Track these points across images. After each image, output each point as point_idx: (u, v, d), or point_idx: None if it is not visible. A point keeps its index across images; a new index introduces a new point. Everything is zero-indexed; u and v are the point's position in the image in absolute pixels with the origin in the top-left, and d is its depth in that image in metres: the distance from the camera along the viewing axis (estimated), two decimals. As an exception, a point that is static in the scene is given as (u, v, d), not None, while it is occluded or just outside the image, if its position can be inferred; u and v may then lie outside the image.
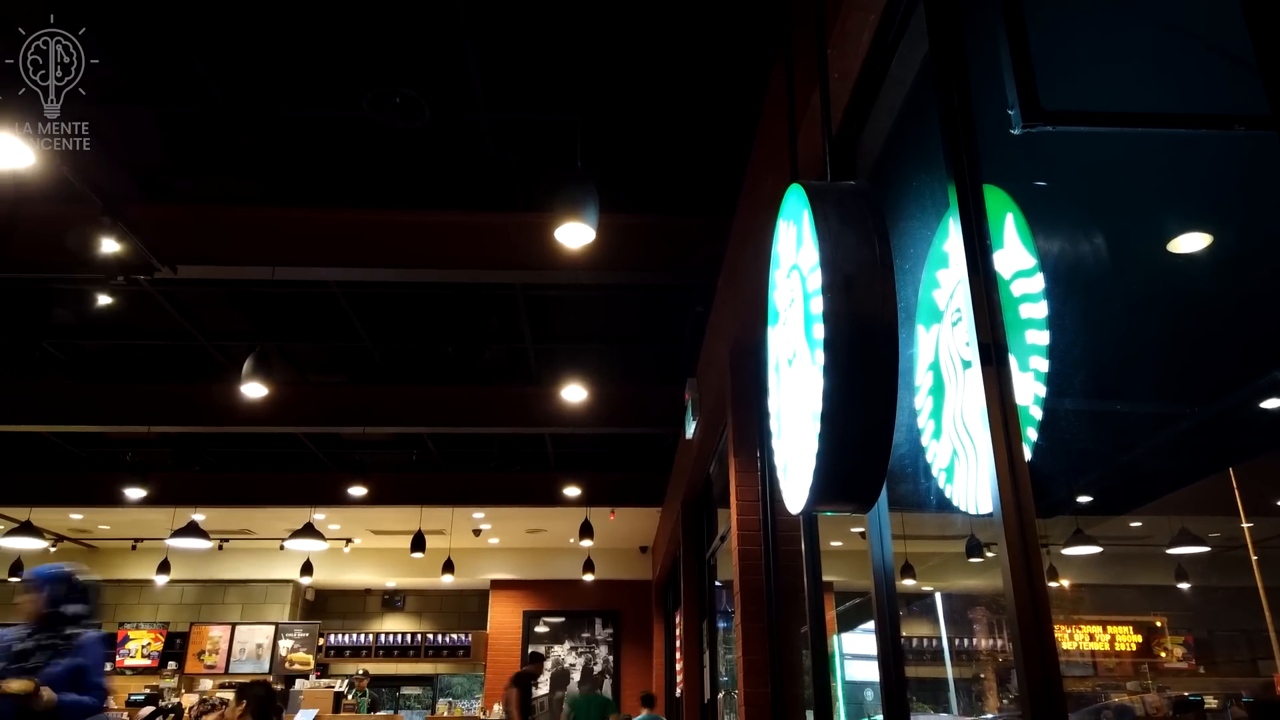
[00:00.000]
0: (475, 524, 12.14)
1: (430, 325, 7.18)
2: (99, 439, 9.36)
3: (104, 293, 6.26)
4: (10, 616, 13.46)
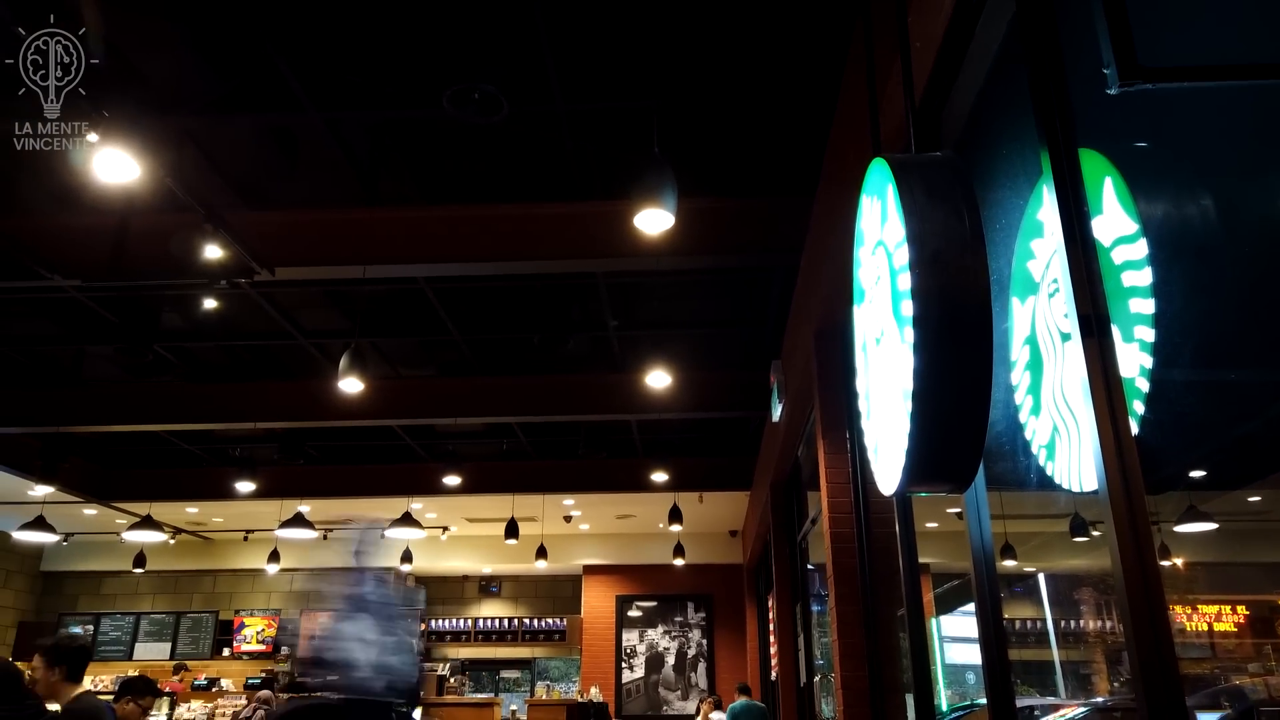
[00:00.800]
0: (566, 510, 12.33)
1: (515, 317, 7.30)
2: (209, 436, 9.85)
3: (209, 297, 6.58)
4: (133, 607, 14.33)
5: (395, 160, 5.36)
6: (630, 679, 13.59)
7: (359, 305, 6.84)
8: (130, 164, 4.07)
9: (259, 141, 5.21)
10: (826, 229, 4.40)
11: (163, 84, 4.54)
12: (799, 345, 5.75)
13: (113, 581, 14.50)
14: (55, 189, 5.41)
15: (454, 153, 5.28)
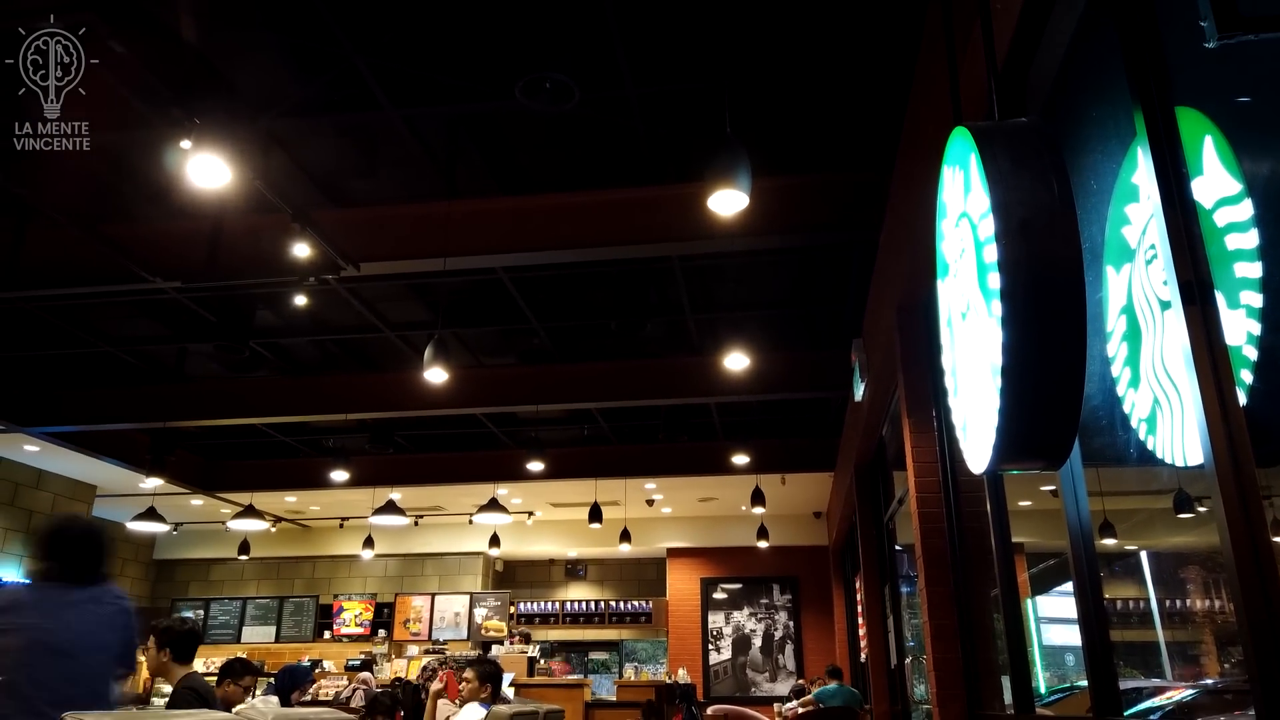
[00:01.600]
0: (648, 494, 12.41)
1: (592, 303, 7.36)
2: (304, 428, 10.24)
3: (299, 293, 6.82)
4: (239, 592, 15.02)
5: (471, 153, 5.45)
6: (717, 661, 13.64)
7: (441, 297, 6.99)
8: (222, 169, 4.23)
9: (341, 141, 5.36)
10: (906, 202, 4.30)
11: (250, 90, 4.71)
12: (880, 323, 5.64)
13: (220, 568, 15.25)
14: (154, 196, 5.68)
15: (528, 143, 5.34)
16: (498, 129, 5.17)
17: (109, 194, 5.75)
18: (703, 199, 4.10)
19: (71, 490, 11.58)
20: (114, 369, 8.68)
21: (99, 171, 5.48)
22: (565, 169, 5.59)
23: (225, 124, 4.23)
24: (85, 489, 11.80)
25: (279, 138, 5.19)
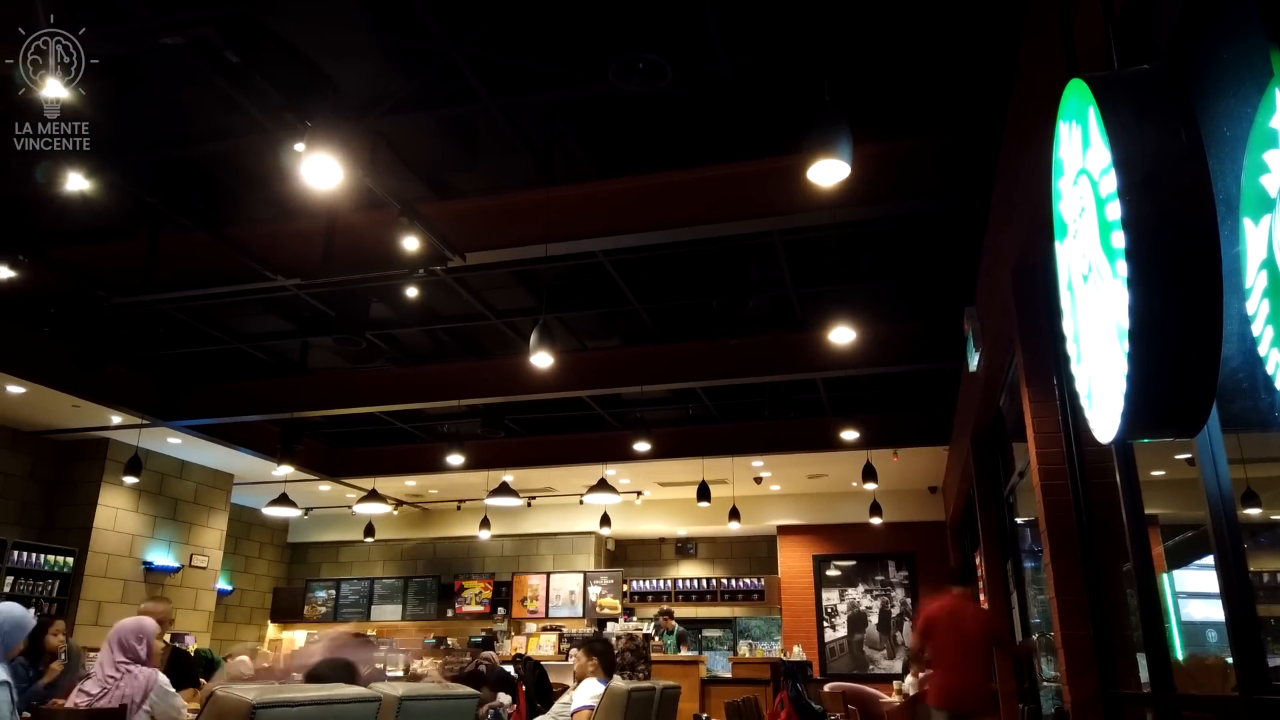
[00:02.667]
0: (755, 472, 12.34)
1: (692, 282, 7.33)
2: (419, 414, 10.62)
3: (410, 285, 7.05)
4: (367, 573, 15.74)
5: (567, 139, 5.50)
6: (833, 638, 13.50)
7: (544, 283, 7.10)
8: (333, 168, 4.40)
9: (443, 135, 5.49)
10: (1018, 163, 4.10)
11: (355, 90, 4.88)
12: (995, 289, 5.42)
13: (348, 550, 16.03)
14: (271, 198, 5.97)
15: (623, 125, 5.35)
16: (593, 113, 5.20)
17: (231, 198, 6.07)
18: (802, 170, 4.02)
19: (211, 479, 12.37)
20: (244, 364, 9.20)
21: (221, 177, 5.80)
22: (661, 149, 5.58)
23: (335, 125, 4.39)
24: (224, 477, 12.59)
25: (385, 135, 5.36)
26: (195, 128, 5.22)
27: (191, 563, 11.92)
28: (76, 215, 6.09)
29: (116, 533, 10.86)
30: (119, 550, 10.85)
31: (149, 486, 11.24)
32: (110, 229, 6.39)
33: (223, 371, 9.45)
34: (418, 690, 3.01)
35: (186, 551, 11.86)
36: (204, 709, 2.21)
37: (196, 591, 12.07)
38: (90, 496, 10.65)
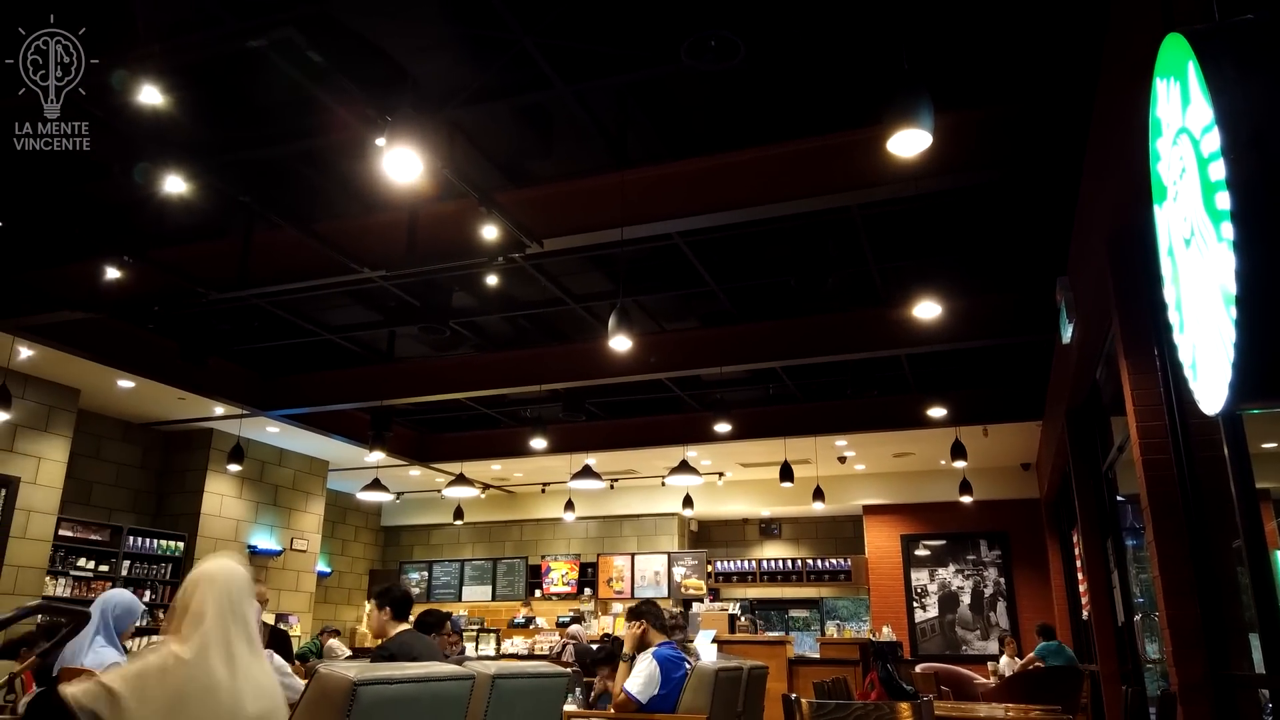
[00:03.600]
0: (839, 451, 12.18)
1: (770, 261, 7.25)
2: (502, 400, 10.81)
3: (490, 273, 7.17)
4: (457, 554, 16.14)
5: (640, 121, 5.49)
6: (924, 618, 13.27)
7: (620, 266, 7.13)
8: (414, 161, 4.49)
9: (518, 123, 5.55)
10: (1111, 124, 3.92)
11: (432, 83, 4.97)
12: (1088, 257, 5.20)
13: (439, 533, 16.48)
14: (356, 193, 6.13)
15: (695, 105, 5.30)
16: (665, 94, 5.17)
17: (318, 195, 6.27)
18: (881, 142, 3.92)
19: (308, 466, 12.87)
20: (336, 355, 9.52)
21: (308, 174, 5.98)
22: (735, 127, 5.51)
23: (414, 119, 4.48)
24: (319, 464, 13.09)
25: (462, 126, 5.44)
26: (282, 127, 5.39)
27: (292, 546, 12.45)
28: (175, 217, 6.37)
29: (222, 518, 11.41)
30: (225, 535, 11.40)
31: (250, 474, 11.76)
32: (207, 228, 6.67)
33: (316, 362, 9.80)
34: (510, 669, 3.08)
35: (287, 535, 12.39)
36: (309, 686, 2.31)
37: (298, 574, 12.60)
38: (197, 484, 11.22)
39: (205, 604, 2.28)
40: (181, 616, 2.28)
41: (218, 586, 2.32)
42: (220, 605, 2.29)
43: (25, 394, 8.87)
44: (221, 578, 2.35)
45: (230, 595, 2.33)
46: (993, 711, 5.55)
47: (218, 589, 2.32)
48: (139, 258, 6.49)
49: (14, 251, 6.91)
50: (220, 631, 2.26)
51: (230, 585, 2.35)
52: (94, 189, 6.05)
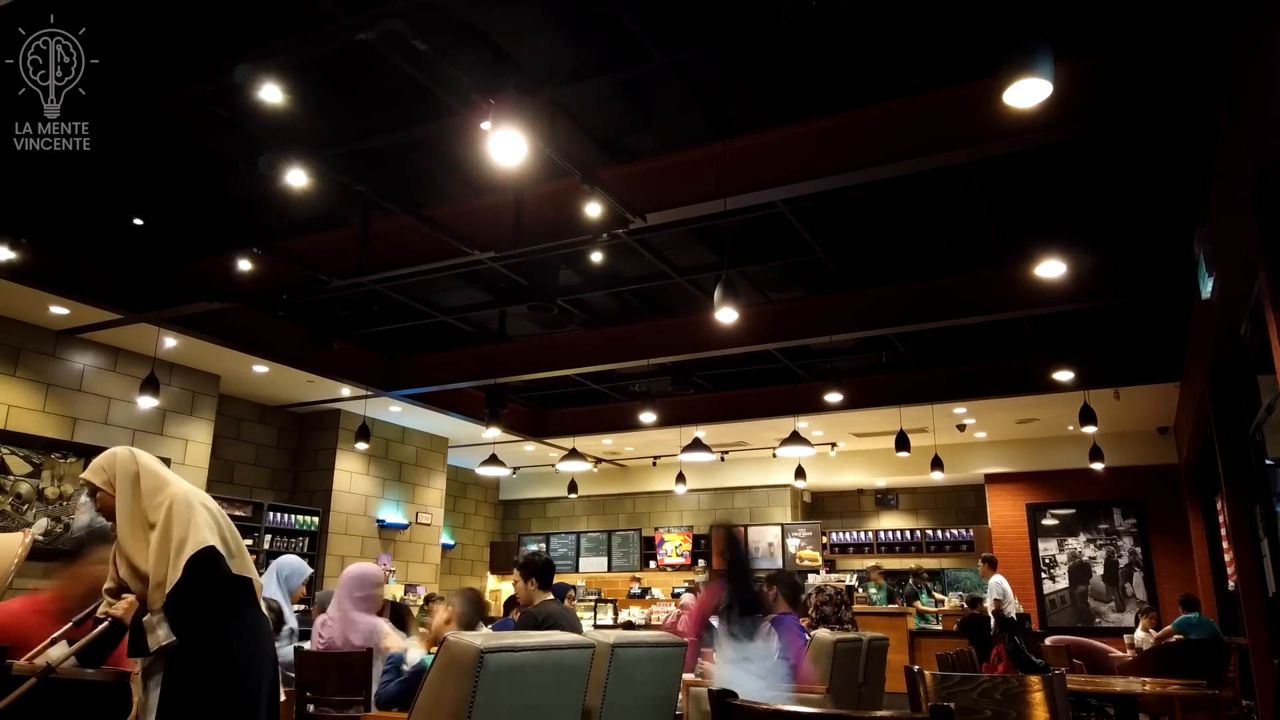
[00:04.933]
0: (957, 419, 11.79)
1: (879, 225, 7.04)
2: (611, 375, 10.93)
3: (594, 250, 7.23)
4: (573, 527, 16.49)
5: (741, 89, 5.40)
6: (1053, 590, 12.77)
7: (724, 238, 7.07)
8: (518, 143, 4.55)
9: (618, 98, 5.55)
10: (1255, 66, 3.60)
11: (533, 64, 5.02)
12: (1230, 206, 4.83)
13: (554, 506, 16.89)
14: (465, 177, 6.28)
15: (797, 67, 5.17)
16: (765, 59, 5.06)
17: (428, 180, 6.45)
18: (997, 94, 3.74)
19: (429, 443, 13.38)
20: (450, 335, 9.83)
21: (419, 161, 6.16)
22: (838, 88, 5.36)
23: (516, 101, 4.54)
24: (440, 441, 13.58)
25: (563, 105, 5.48)
26: (392, 117, 5.56)
27: (417, 520, 13.00)
28: (298, 209, 6.69)
29: (352, 494, 12.01)
30: (355, 510, 12.00)
31: (376, 451, 12.31)
32: (327, 219, 6.97)
33: (432, 343, 10.14)
34: (629, 638, 3.13)
35: (413, 510, 12.94)
36: (439, 652, 2.41)
37: (424, 546, 13.16)
38: (328, 462, 11.83)
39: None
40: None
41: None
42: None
43: (171, 381, 9.52)
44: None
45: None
46: (1130, 685, 5.29)
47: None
48: (267, 249, 6.85)
49: (156, 248, 7.40)
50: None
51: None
52: (224, 186, 6.41)
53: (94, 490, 2.77)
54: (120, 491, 2.71)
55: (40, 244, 6.80)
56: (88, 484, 2.81)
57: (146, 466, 2.78)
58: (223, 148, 5.86)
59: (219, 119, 5.33)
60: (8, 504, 7.96)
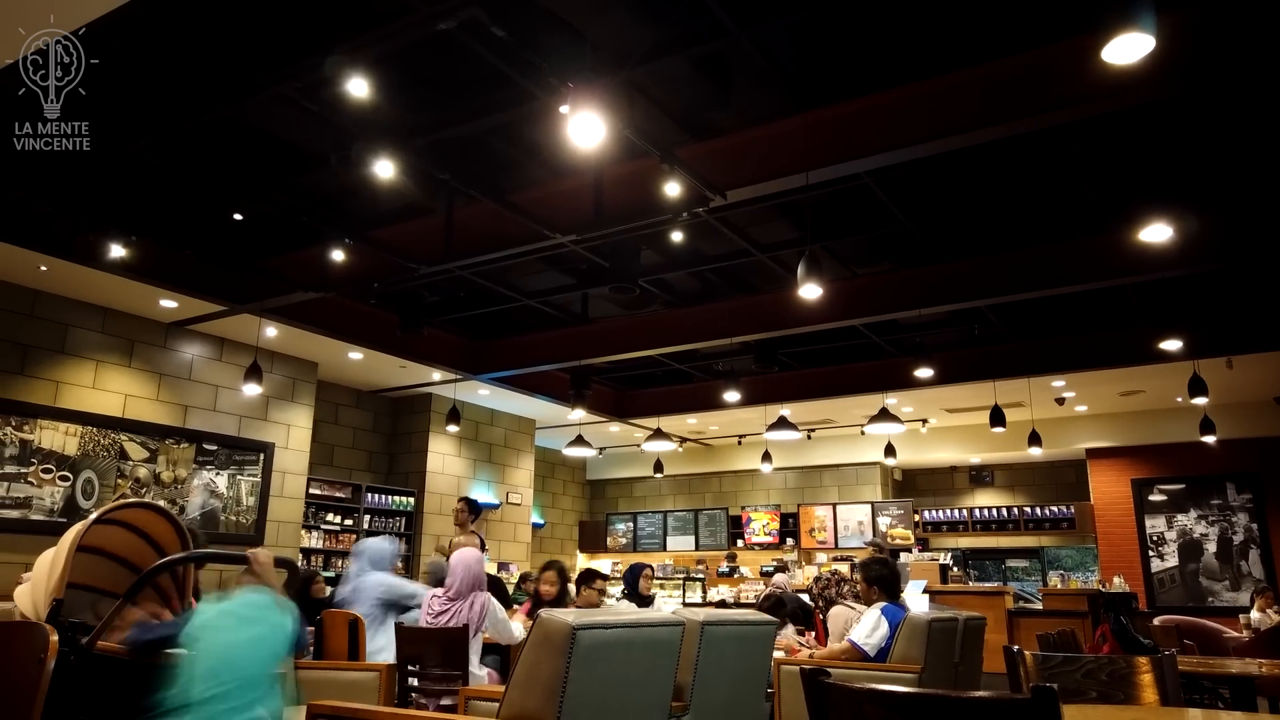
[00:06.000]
0: (1056, 393, 11.36)
1: (969, 193, 6.81)
2: (694, 355, 10.92)
3: (675, 230, 7.21)
4: (659, 506, 16.58)
5: (821, 59, 5.28)
6: (1161, 568, 12.24)
7: (806, 213, 6.95)
8: (597, 125, 4.56)
9: (695, 75, 5.50)
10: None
11: (610, 46, 5.01)
12: (1355, 157, 4.49)
13: (641, 485, 17.01)
14: (545, 161, 6.34)
15: (879, 33, 5.03)
16: (846, 26, 4.93)
17: (510, 166, 6.53)
18: (1094, 52, 3.56)
19: (517, 425, 13.64)
20: (535, 319, 9.97)
21: (500, 147, 6.24)
22: (924, 54, 5.18)
23: (594, 83, 4.54)
24: (527, 423, 13.83)
25: (640, 85, 5.46)
26: (473, 104, 5.64)
27: (508, 500, 13.28)
28: (386, 199, 6.87)
29: (445, 475, 12.35)
30: (448, 490, 12.34)
31: (466, 434, 12.62)
32: (413, 207, 7.14)
33: (517, 327, 10.30)
34: (718, 616, 3.14)
35: (503, 490, 13.23)
36: (533, 628, 2.46)
37: (515, 525, 13.46)
38: (421, 445, 12.18)
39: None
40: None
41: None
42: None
43: (273, 369, 9.94)
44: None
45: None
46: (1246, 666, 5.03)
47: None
48: (358, 239, 7.06)
49: (254, 242, 7.71)
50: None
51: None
52: (315, 180, 6.62)
53: None
54: None
55: (150, 240, 7.16)
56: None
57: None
58: (313, 142, 6.05)
59: (309, 114, 5.50)
60: (128, 487, 8.46)
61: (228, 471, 9.36)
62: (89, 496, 8.16)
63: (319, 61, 4.61)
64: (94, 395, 8.37)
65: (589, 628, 2.40)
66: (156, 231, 7.15)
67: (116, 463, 8.42)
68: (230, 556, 2.88)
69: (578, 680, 2.35)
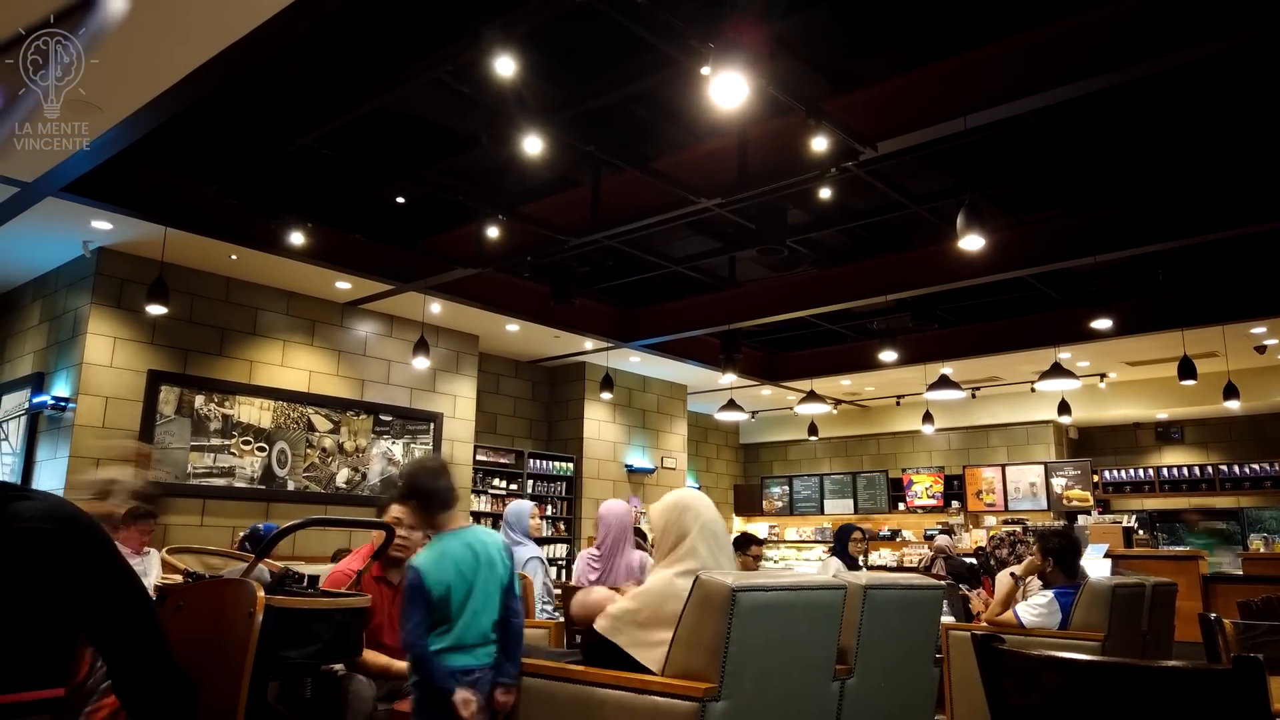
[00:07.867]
0: (1255, 340, 10.33)
1: (1146, 128, 6.24)
2: (846, 314, 10.63)
3: (823, 186, 7.01)
4: (815, 469, 16.35)
5: (977, -8, 4.95)
6: (1382, 533, 10.99)
7: (963, 160, 6.58)
8: (740, 84, 4.47)
9: (839, 24, 5.30)
10: None
11: (748, 1, 4.89)
12: None
13: (795, 449, 16.84)
14: (687, 125, 6.29)
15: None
16: (1005, -45, 4.60)
17: (652, 133, 6.53)
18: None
19: (669, 390, 13.77)
20: (683, 284, 9.99)
21: (642, 115, 6.25)
22: (1094, -25, 4.76)
23: (735, 41, 4.45)
24: (679, 389, 13.93)
25: (783, 39, 5.32)
26: (613, 73, 5.67)
27: (663, 464, 13.48)
28: (534, 174, 7.04)
29: (601, 441, 12.66)
30: (605, 456, 12.65)
31: (620, 400, 12.86)
32: (561, 180, 7.28)
33: (666, 293, 10.37)
34: (881, 580, 3.08)
35: (657, 455, 13.43)
36: (693, 590, 2.49)
37: (670, 489, 13.62)
38: (577, 412, 12.53)
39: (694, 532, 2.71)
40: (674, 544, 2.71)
41: (702, 518, 2.75)
42: (705, 533, 2.73)
43: (439, 343, 10.47)
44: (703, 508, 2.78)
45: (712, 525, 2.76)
46: None
47: (702, 520, 2.75)
48: (510, 215, 7.28)
49: (416, 223, 8.11)
50: (711, 556, 2.69)
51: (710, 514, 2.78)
52: (468, 159, 6.87)
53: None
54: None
55: (325, 226, 7.66)
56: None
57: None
58: (465, 124, 6.27)
59: (460, 96, 5.69)
60: (315, 456, 9.17)
61: (402, 441, 9.97)
62: (283, 465, 8.91)
63: (468, 44, 4.75)
64: (283, 372, 9.09)
65: (749, 590, 2.40)
66: (330, 218, 7.64)
67: (305, 434, 9.13)
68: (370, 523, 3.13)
69: (739, 641, 2.37)
